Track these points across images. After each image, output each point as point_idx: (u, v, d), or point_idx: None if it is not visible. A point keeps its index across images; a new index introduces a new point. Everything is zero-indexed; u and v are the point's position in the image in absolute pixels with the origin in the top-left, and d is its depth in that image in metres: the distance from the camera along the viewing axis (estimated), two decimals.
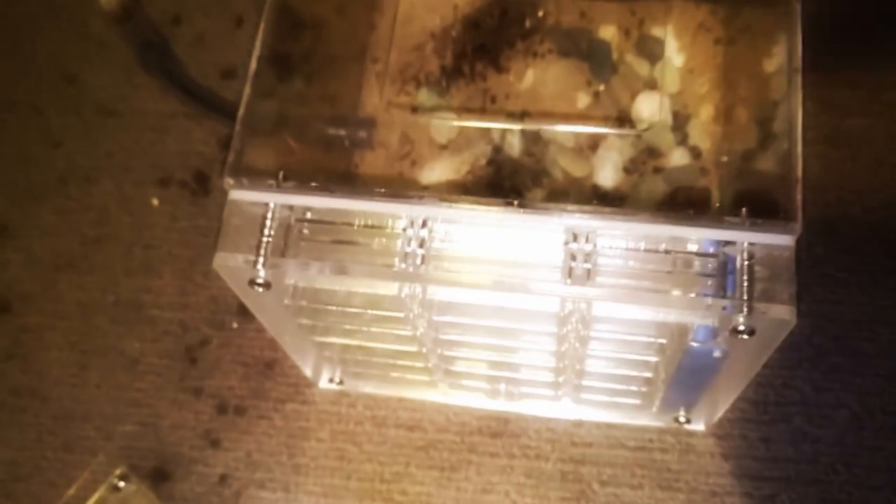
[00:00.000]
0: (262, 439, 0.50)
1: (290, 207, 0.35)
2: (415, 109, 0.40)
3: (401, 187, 0.38)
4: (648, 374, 0.42)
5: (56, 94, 0.61)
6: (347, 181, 0.39)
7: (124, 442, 0.50)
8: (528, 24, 0.41)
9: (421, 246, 0.34)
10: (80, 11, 0.63)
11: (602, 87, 0.39)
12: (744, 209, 0.32)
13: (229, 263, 0.35)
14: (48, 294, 0.55)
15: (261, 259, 0.34)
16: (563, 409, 0.49)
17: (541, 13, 0.41)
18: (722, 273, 0.33)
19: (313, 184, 0.35)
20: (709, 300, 0.32)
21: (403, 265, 0.34)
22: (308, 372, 0.49)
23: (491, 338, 0.41)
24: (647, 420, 0.48)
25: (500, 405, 0.49)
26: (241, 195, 0.35)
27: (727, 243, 0.33)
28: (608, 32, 0.40)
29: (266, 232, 0.35)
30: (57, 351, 0.53)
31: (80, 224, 0.57)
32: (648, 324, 0.37)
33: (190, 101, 0.58)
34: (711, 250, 0.33)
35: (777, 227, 0.32)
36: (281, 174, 0.35)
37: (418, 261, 0.34)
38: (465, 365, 0.45)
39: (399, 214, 0.34)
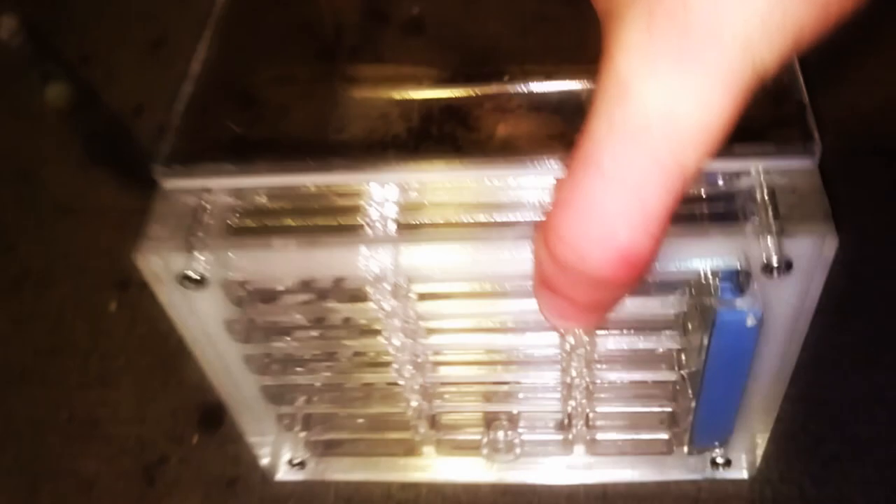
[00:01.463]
0: None
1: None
2: None
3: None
4: (672, 377, 0.39)
5: (11, 192, 0.59)
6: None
7: None
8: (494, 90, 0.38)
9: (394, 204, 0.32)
10: (37, 105, 0.61)
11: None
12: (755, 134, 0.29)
13: (155, 254, 0.30)
14: None
15: (197, 245, 0.31)
16: (568, 475, 0.44)
17: (506, 77, 0.38)
18: (742, 207, 0.29)
19: (259, 162, 0.31)
20: (734, 230, 0.28)
21: (372, 231, 0.31)
22: (265, 458, 0.45)
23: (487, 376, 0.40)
24: (678, 471, 0.44)
25: (492, 476, 0.45)
26: (176, 184, 0.32)
27: (738, 176, 0.29)
28: (577, 84, 0.38)
29: (203, 218, 0.31)
30: (5, 475, 0.50)
31: (33, 333, 0.54)
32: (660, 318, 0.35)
33: (145, 191, 0.56)
34: (721, 184, 0.30)
35: (795, 148, 0.29)
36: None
37: (390, 224, 0.31)
38: (457, 418, 0.43)
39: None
